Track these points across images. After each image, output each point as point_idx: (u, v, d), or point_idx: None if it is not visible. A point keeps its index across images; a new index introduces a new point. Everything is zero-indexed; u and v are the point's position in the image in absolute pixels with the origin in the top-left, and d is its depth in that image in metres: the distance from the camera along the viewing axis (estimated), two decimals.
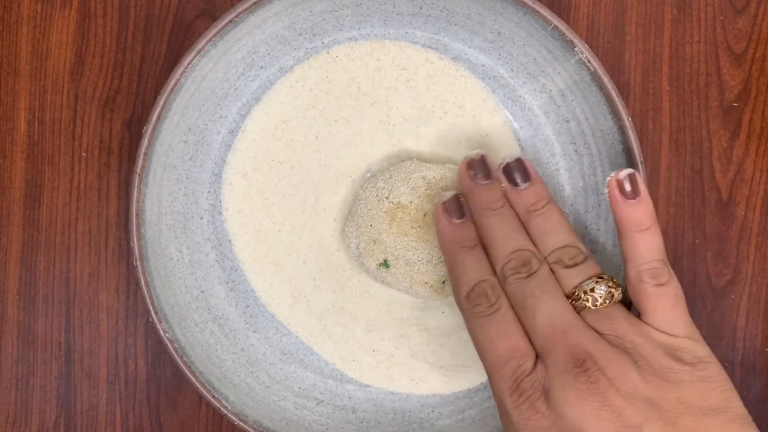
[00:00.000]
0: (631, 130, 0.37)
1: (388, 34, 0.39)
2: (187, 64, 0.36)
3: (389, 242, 0.37)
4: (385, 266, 0.37)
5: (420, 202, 0.37)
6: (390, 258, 0.37)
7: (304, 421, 0.39)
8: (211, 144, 0.39)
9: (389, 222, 0.37)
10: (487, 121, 0.40)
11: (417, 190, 0.37)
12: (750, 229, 0.42)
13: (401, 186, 0.37)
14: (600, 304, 0.32)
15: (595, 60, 0.37)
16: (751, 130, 0.42)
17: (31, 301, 0.42)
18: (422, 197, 0.37)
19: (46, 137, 0.42)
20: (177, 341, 0.37)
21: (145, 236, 0.37)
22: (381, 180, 0.38)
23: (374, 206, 0.37)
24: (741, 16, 0.42)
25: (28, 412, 0.42)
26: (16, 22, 0.42)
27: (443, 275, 0.37)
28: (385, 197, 0.37)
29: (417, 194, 0.37)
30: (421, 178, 0.37)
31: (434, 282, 0.37)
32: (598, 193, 0.39)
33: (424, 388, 0.40)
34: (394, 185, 0.37)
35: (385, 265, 0.37)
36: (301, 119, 0.40)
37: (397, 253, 0.37)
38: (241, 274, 0.40)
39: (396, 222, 0.37)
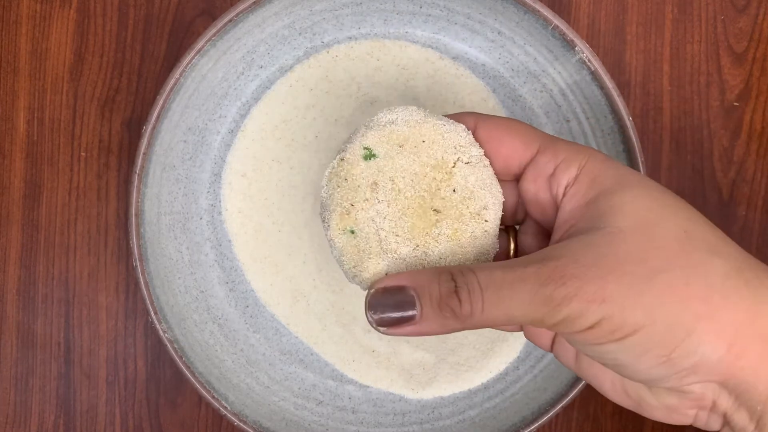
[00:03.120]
0: (632, 129, 0.37)
1: (388, 34, 0.39)
2: (187, 63, 0.36)
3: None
4: (350, 233, 0.30)
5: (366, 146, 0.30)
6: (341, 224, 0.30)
7: (304, 421, 0.39)
8: (211, 144, 0.39)
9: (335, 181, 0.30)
10: None
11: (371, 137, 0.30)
12: (751, 229, 0.42)
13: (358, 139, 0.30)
14: None
15: (595, 60, 0.36)
16: (752, 129, 0.42)
17: (31, 302, 0.42)
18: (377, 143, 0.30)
19: (45, 137, 0.42)
20: (176, 341, 0.37)
21: (144, 236, 0.37)
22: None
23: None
24: (742, 16, 0.42)
25: (27, 413, 0.42)
26: (16, 21, 0.42)
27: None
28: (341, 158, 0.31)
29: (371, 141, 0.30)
30: (384, 124, 0.30)
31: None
32: None
33: (424, 389, 0.40)
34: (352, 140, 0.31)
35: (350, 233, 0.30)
36: (301, 119, 0.39)
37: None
38: (241, 274, 0.40)
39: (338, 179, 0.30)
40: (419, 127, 0.30)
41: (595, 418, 0.42)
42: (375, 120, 0.30)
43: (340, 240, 0.30)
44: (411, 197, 0.29)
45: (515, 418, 0.38)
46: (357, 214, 0.29)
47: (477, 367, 0.40)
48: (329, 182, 0.30)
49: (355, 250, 0.30)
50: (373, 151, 0.29)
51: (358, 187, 0.29)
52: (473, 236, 0.29)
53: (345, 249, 0.30)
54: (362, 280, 0.30)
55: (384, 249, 0.29)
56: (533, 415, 0.38)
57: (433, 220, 0.29)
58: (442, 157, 0.29)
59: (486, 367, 0.40)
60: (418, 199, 0.29)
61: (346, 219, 0.29)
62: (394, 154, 0.29)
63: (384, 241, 0.29)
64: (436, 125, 0.30)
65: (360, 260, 0.30)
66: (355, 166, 0.29)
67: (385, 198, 0.29)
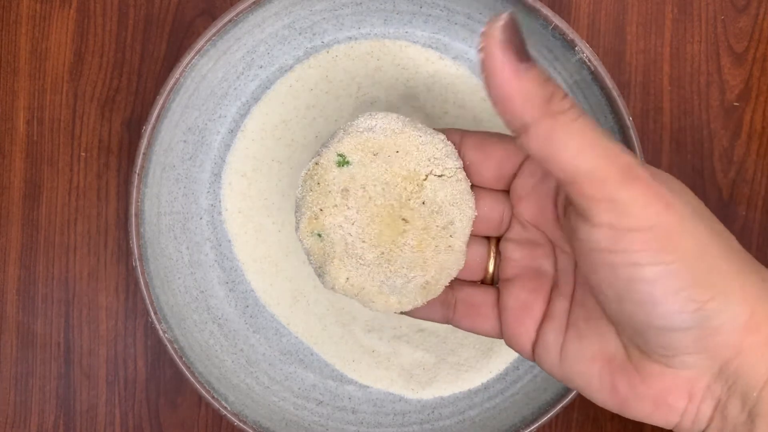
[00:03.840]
0: (632, 129, 0.37)
1: (388, 34, 0.39)
2: (187, 63, 0.36)
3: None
4: (318, 237, 0.30)
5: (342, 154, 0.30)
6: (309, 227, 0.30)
7: (304, 421, 0.39)
8: (211, 144, 0.39)
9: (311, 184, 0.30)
10: (488, 120, 0.39)
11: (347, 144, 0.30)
12: (751, 229, 0.42)
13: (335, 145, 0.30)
14: None
15: (595, 59, 0.36)
16: (752, 129, 0.42)
17: (31, 302, 0.42)
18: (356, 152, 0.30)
19: (45, 137, 0.42)
20: (176, 342, 0.37)
21: (144, 236, 0.37)
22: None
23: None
24: (742, 16, 0.42)
25: (27, 413, 0.42)
26: (15, 21, 0.42)
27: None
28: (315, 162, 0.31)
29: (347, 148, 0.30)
30: (363, 130, 0.30)
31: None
32: None
33: (424, 389, 0.40)
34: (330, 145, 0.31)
35: (317, 236, 0.30)
36: (301, 119, 0.39)
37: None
38: (241, 274, 0.40)
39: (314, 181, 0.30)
40: (395, 137, 0.30)
41: (595, 419, 0.42)
42: (354, 125, 0.30)
43: (308, 241, 0.30)
44: (381, 205, 0.29)
45: (515, 418, 0.38)
46: (325, 219, 0.30)
47: (477, 367, 0.40)
48: (303, 184, 0.30)
49: (321, 252, 0.30)
50: (347, 158, 0.30)
51: (329, 192, 0.30)
52: (437, 250, 0.30)
53: (312, 250, 0.30)
54: (325, 282, 0.30)
55: (349, 253, 0.30)
56: (533, 415, 0.38)
57: (401, 229, 0.29)
58: (415, 169, 0.29)
59: (486, 367, 0.40)
60: (388, 208, 0.29)
61: (314, 223, 0.30)
62: (367, 162, 0.29)
63: (350, 246, 0.29)
64: (413, 136, 0.30)
65: (324, 262, 0.30)
66: (329, 172, 0.30)
67: (355, 205, 0.29)
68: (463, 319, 0.31)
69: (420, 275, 0.30)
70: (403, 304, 0.30)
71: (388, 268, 0.30)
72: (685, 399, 0.25)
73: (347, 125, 0.30)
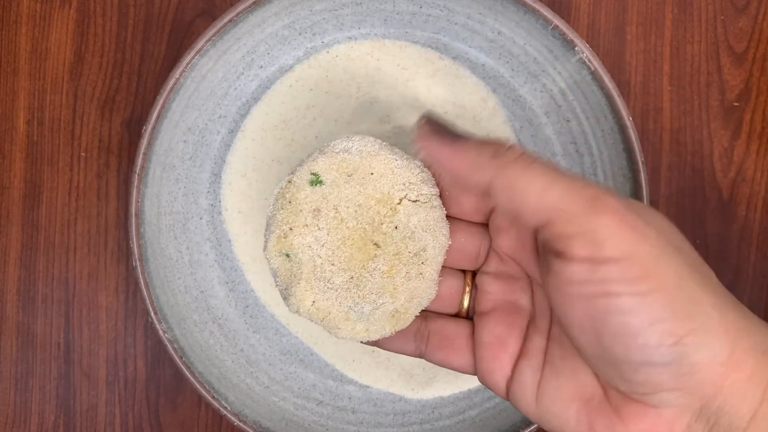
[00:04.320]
0: (632, 129, 0.37)
1: (388, 34, 0.39)
2: (187, 63, 0.36)
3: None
4: (286, 257, 0.30)
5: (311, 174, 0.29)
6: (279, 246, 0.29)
7: (304, 421, 0.39)
8: (211, 144, 0.39)
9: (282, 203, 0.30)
10: (488, 120, 0.39)
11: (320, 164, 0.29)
12: (751, 230, 0.42)
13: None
14: None
15: (595, 59, 0.36)
16: (752, 129, 0.42)
17: (31, 302, 0.42)
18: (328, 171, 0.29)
19: (45, 137, 0.42)
20: (176, 341, 0.37)
21: (144, 236, 0.37)
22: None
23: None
24: (742, 16, 0.42)
25: (27, 413, 0.42)
26: (15, 21, 0.42)
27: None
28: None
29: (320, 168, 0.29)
30: (339, 151, 0.30)
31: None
32: None
33: (424, 389, 0.40)
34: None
35: (285, 256, 0.30)
36: (301, 119, 0.39)
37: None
38: (241, 274, 0.40)
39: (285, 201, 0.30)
40: (370, 159, 0.29)
41: None
42: (330, 146, 0.30)
43: (275, 261, 0.29)
44: (353, 228, 0.29)
45: (515, 418, 0.38)
46: (294, 238, 0.29)
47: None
48: (275, 202, 0.29)
49: (288, 273, 0.29)
50: (321, 177, 0.29)
51: (300, 211, 0.29)
52: (407, 276, 0.29)
53: (279, 271, 0.29)
54: (290, 304, 0.29)
55: (317, 276, 0.29)
56: None
57: (372, 254, 0.29)
58: (389, 192, 0.29)
59: None
60: (360, 231, 0.29)
61: (282, 242, 0.29)
62: (341, 183, 0.29)
63: (318, 269, 0.29)
64: (388, 159, 0.29)
65: (290, 284, 0.29)
66: (301, 190, 0.29)
67: (326, 225, 0.29)
68: (436, 351, 0.30)
69: (389, 302, 0.29)
70: (370, 332, 0.29)
71: (357, 293, 0.29)
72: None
73: (323, 145, 0.30)
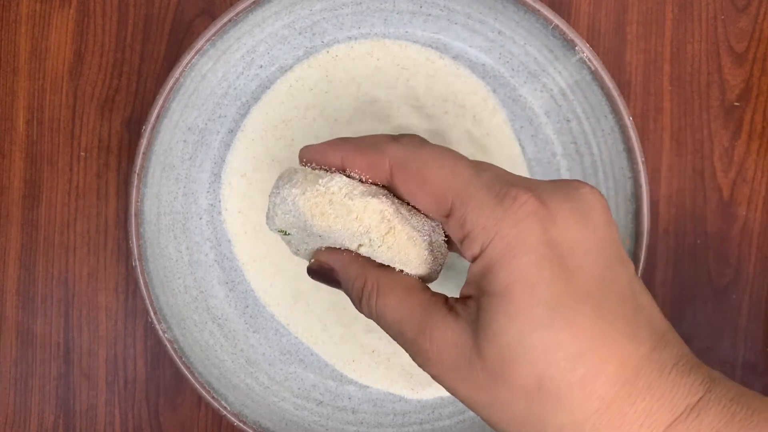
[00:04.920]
0: (632, 129, 0.37)
1: (388, 33, 0.39)
2: (187, 63, 0.36)
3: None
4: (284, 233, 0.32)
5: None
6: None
7: (304, 421, 0.39)
8: (211, 143, 0.39)
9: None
10: (488, 120, 0.39)
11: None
12: (751, 229, 0.42)
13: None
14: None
15: (596, 59, 0.36)
16: (753, 129, 0.42)
17: (30, 302, 0.42)
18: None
19: (44, 137, 0.42)
20: (176, 342, 0.37)
21: (144, 236, 0.37)
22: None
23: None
24: (742, 16, 0.42)
25: (26, 413, 0.42)
26: (15, 21, 0.42)
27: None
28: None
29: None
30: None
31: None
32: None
33: (424, 389, 0.40)
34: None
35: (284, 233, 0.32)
36: (300, 119, 0.39)
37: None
38: (241, 274, 0.40)
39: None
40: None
41: None
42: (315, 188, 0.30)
43: (279, 235, 0.32)
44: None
45: None
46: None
47: None
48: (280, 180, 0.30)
49: (289, 242, 0.32)
50: (288, 231, 0.31)
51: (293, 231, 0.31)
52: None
53: (285, 240, 0.32)
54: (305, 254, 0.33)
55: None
56: None
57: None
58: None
59: None
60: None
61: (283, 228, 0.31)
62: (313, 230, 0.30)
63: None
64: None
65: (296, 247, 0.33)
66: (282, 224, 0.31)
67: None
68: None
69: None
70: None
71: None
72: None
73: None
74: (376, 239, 0.29)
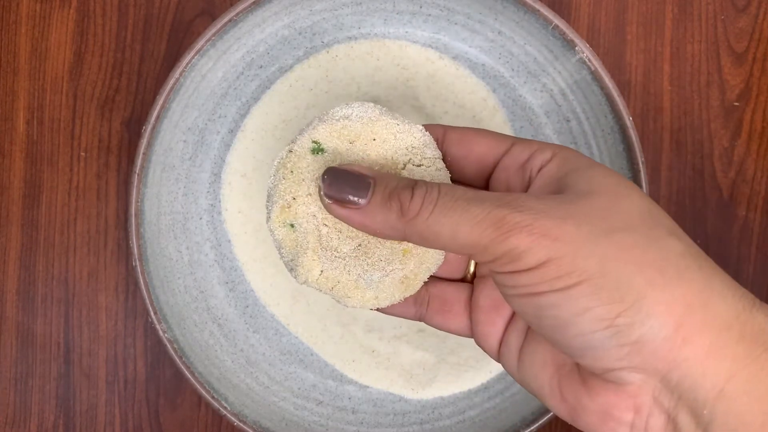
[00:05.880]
0: (632, 129, 0.37)
1: (388, 34, 0.39)
2: (187, 63, 0.36)
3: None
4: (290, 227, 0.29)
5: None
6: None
7: (304, 421, 0.39)
8: (211, 143, 0.39)
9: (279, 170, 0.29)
10: (488, 120, 0.39)
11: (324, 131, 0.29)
12: (751, 229, 0.42)
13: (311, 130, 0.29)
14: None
15: (595, 59, 0.36)
16: (752, 129, 0.42)
17: (30, 302, 0.42)
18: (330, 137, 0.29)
19: (45, 137, 0.42)
20: (176, 342, 0.37)
21: (144, 236, 0.37)
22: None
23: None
24: (742, 16, 0.42)
25: (27, 413, 0.42)
26: (15, 21, 0.42)
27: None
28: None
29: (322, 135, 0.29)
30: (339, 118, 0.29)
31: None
32: None
33: (424, 389, 0.40)
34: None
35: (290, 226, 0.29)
36: (301, 119, 0.39)
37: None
38: (241, 274, 0.40)
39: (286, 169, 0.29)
40: (372, 125, 0.28)
41: None
42: (329, 113, 0.29)
43: (279, 232, 0.29)
44: None
45: (515, 418, 0.38)
46: (298, 207, 0.28)
47: (477, 367, 0.40)
48: (276, 173, 0.29)
49: (293, 244, 0.29)
50: (322, 145, 0.28)
51: (302, 180, 0.28)
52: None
53: (284, 242, 0.29)
54: (297, 275, 0.29)
55: (323, 246, 0.28)
56: (533, 415, 0.38)
57: None
58: (392, 158, 0.28)
59: (486, 367, 0.40)
60: None
61: (286, 212, 0.28)
62: (343, 150, 0.28)
63: (324, 238, 0.28)
64: (390, 124, 0.29)
65: (296, 254, 0.29)
66: (302, 159, 0.28)
67: None
68: (436, 315, 0.31)
69: (398, 268, 0.29)
70: (380, 299, 0.29)
71: (365, 261, 0.29)
72: (631, 412, 0.24)
73: (322, 114, 0.29)
74: (429, 156, 0.28)
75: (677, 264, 0.23)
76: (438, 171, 0.28)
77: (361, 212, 0.26)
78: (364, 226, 0.26)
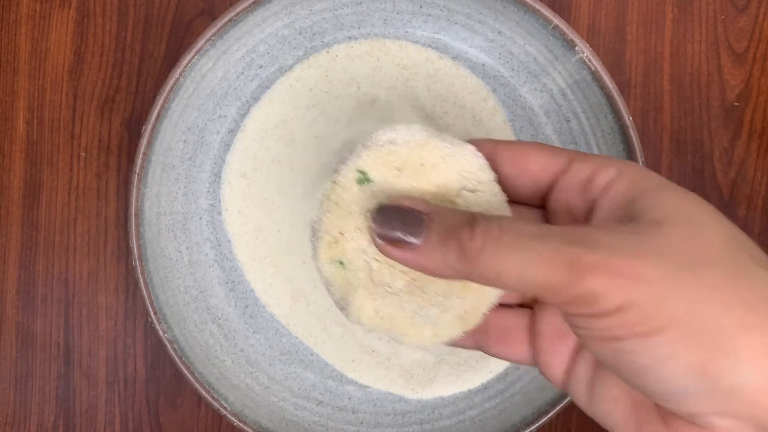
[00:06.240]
0: (632, 129, 0.37)
1: (388, 33, 0.39)
2: (186, 63, 0.36)
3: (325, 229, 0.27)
4: (340, 264, 0.27)
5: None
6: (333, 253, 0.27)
7: (304, 421, 0.39)
8: (211, 143, 0.39)
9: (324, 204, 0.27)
10: (488, 120, 0.39)
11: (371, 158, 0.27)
12: (751, 230, 0.42)
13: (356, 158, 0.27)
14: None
15: (595, 59, 0.36)
16: (752, 129, 0.42)
17: (30, 302, 0.42)
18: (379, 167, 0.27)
19: (45, 137, 0.42)
20: (176, 342, 0.37)
21: (144, 236, 0.37)
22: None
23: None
24: (742, 16, 0.42)
25: (27, 413, 0.42)
26: (15, 21, 0.42)
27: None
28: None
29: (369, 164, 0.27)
30: (385, 142, 0.27)
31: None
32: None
33: (424, 389, 0.40)
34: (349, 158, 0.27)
35: (340, 264, 0.27)
36: (300, 119, 0.39)
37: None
38: (241, 274, 0.40)
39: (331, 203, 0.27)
40: (419, 149, 0.26)
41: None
42: (373, 138, 0.27)
43: (328, 270, 0.27)
44: None
45: (515, 418, 0.38)
46: (346, 243, 0.26)
47: (477, 367, 0.40)
48: (320, 205, 0.27)
49: (343, 282, 0.27)
50: (368, 175, 0.26)
51: (349, 213, 0.26)
52: None
53: (333, 280, 0.27)
54: (349, 314, 0.27)
55: (375, 282, 0.26)
56: (533, 415, 0.38)
57: None
58: (444, 184, 0.26)
59: (486, 367, 0.40)
60: None
61: (334, 248, 0.26)
62: (391, 179, 0.26)
63: (376, 273, 0.26)
64: (438, 147, 0.26)
65: (347, 293, 0.27)
66: (347, 191, 0.26)
67: None
68: (496, 345, 0.29)
69: (457, 303, 0.26)
70: (439, 336, 0.27)
71: (421, 296, 0.26)
72: None
73: (366, 139, 0.27)
74: (484, 180, 0.26)
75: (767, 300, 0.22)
76: (495, 197, 0.26)
77: (418, 253, 0.24)
78: (422, 267, 0.24)
